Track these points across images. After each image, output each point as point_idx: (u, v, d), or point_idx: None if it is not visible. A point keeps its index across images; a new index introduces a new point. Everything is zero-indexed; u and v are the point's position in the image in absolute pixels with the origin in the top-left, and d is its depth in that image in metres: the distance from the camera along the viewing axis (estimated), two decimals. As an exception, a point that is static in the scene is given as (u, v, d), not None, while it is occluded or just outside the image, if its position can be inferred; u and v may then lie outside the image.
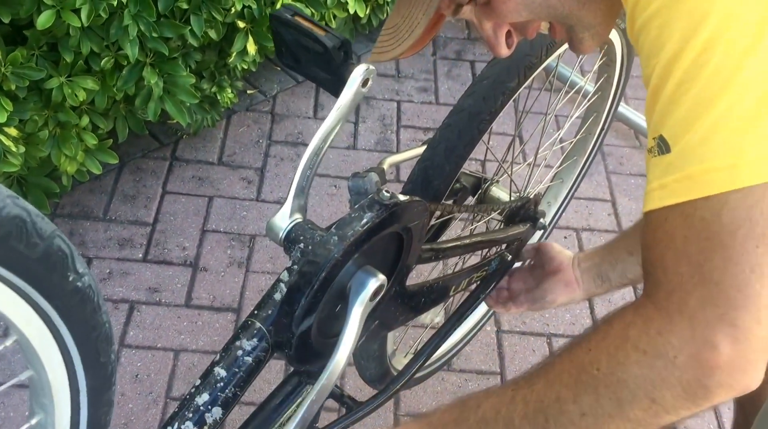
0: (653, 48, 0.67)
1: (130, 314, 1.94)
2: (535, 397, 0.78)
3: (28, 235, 0.76)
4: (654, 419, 0.72)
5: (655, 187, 0.69)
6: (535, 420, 0.78)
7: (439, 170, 1.22)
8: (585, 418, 0.74)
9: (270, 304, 1.09)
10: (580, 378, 0.74)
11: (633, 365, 0.70)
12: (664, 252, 0.69)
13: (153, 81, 1.85)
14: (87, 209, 2.15)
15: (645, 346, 0.70)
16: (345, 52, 1.07)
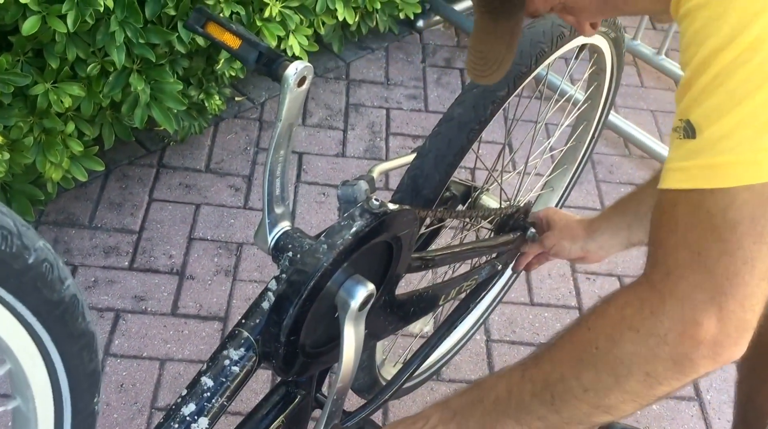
0: (697, 37, 0.69)
1: (116, 323, 1.92)
2: (542, 377, 0.86)
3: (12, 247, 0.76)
4: (649, 390, 0.79)
5: (674, 168, 0.73)
6: (542, 397, 0.85)
7: (428, 179, 1.22)
8: (587, 393, 0.81)
9: (258, 314, 1.08)
10: (581, 357, 0.81)
11: (627, 343, 0.77)
12: (668, 235, 0.74)
13: (140, 87, 1.85)
14: (72, 217, 2.14)
15: (639, 325, 0.76)
16: (270, 59, 1.03)
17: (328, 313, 1.09)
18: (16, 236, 0.76)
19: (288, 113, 1.04)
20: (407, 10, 2.61)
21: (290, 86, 1.01)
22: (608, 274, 2.23)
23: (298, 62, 1.01)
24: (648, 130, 2.62)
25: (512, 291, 2.03)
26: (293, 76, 1.00)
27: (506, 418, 0.89)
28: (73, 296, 0.87)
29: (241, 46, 1.03)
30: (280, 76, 1.01)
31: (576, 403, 0.83)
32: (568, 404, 0.84)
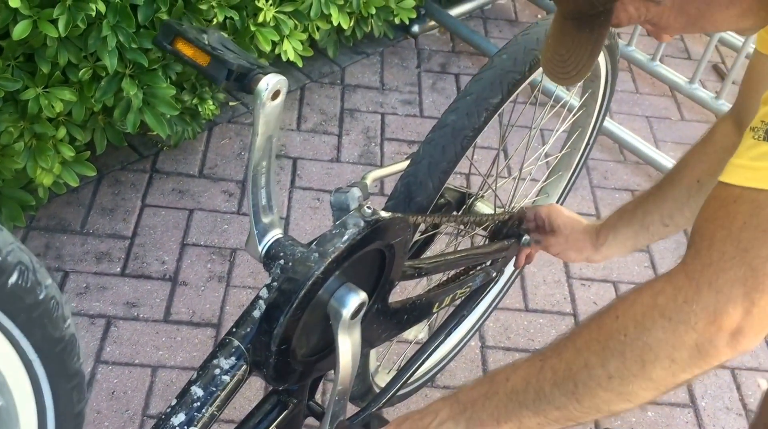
0: None
1: (107, 329, 1.91)
2: (564, 366, 0.86)
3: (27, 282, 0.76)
4: (672, 378, 0.81)
5: (744, 166, 0.76)
6: (564, 386, 0.86)
7: (422, 186, 1.21)
8: (612, 380, 0.82)
9: (248, 322, 1.07)
10: (607, 344, 0.82)
11: (658, 330, 0.79)
12: (718, 229, 0.77)
13: (132, 92, 1.83)
14: (64, 222, 2.12)
15: (671, 313, 0.78)
16: (240, 74, 1.00)
17: (320, 322, 1.08)
18: (31, 272, 0.77)
19: (265, 127, 1.02)
20: (402, 15, 2.60)
21: (263, 100, 0.99)
22: (603, 280, 2.22)
23: (270, 76, 0.99)
24: (643, 136, 2.61)
25: (507, 297, 2.02)
26: (265, 91, 0.98)
27: (523, 409, 0.90)
28: (72, 335, 0.88)
29: (210, 64, 0.99)
30: (254, 89, 0.99)
31: (599, 391, 0.84)
32: (590, 392, 0.85)
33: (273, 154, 1.08)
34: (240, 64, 1.00)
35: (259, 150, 1.05)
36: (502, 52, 1.30)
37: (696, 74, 2.67)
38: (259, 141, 1.04)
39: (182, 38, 1.02)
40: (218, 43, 1.05)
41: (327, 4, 2.28)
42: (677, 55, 3.03)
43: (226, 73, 0.99)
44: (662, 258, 2.28)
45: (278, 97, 1.01)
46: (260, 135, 1.03)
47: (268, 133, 1.04)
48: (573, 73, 0.98)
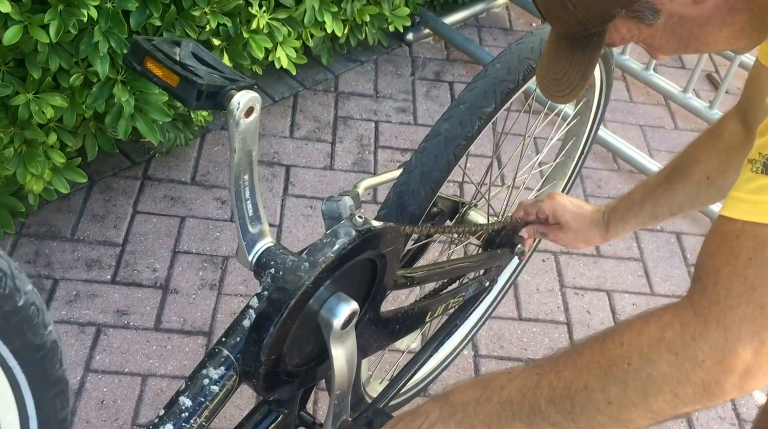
0: None
1: (97, 338, 1.89)
2: (562, 384, 0.85)
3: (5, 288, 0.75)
4: (673, 411, 0.81)
5: (744, 199, 0.76)
6: (561, 405, 0.85)
7: (414, 195, 1.20)
8: (611, 406, 0.82)
9: (238, 332, 1.07)
10: (610, 370, 0.82)
11: (664, 364, 0.78)
12: (723, 266, 0.76)
13: (124, 98, 1.82)
14: (54, 229, 2.10)
15: (678, 348, 0.77)
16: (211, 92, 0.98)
17: (311, 332, 1.07)
18: (9, 278, 0.76)
19: (241, 144, 1.01)
20: (397, 23, 2.60)
21: (236, 119, 0.97)
22: (597, 289, 2.21)
23: (242, 93, 0.97)
24: (637, 145, 2.61)
25: (500, 306, 2.01)
26: (237, 109, 0.97)
27: (516, 421, 0.90)
28: (54, 342, 0.86)
29: (180, 84, 0.97)
30: (226, 107, 0.97)
31: (596, 414, 0.84)
32: (588, 415, 0.84)
33: (255, 167, 1.06)
34: (210, 82, 0.98)
35: (239, 165, 1.04)
36: (496, 60, 1.29)
37: (690, 83, 2.67)
38: (237, 157, 1.02)
39: (151, 58, 0.98)
40: (191, 58, 1.02)
41: (321, 11, 2.27)
42: (671, 64, 3.03)
43: (195, 94, 0.97)
44: (656, 267, 2.28)
45: (252, 113, 0.99)
46: (238, 151, 1.02)
47: (246, 148, 1.03)
48: (567, 92, 0.98)
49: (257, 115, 1.00)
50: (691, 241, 2.35)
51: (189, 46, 1.04)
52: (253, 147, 1.03)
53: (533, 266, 2.22)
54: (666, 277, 2.26)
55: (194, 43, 1.05)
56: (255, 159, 1.05)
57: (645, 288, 2.23)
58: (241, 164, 1.03)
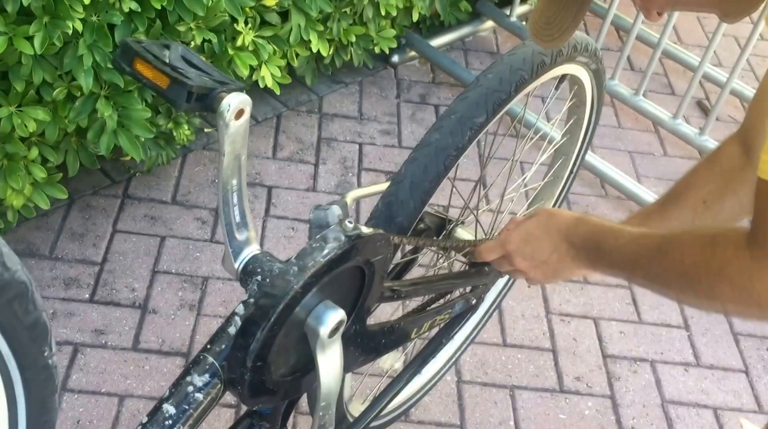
0: None
1: (74, 357, 1.91)
2: (653, 271, 1.06)
3: None
4: (733, 313, 1.09)
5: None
6: (652, 284, 1.09)
7: (403, 205, 1.24)
8: (689, 300, 1.08)
9: (224, 339, 1.09)
10: (685, 279, 1.01)
11: (727, 293, 0.96)
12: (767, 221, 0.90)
13: (107, 113, 1.87)
14: (32, 246, 2.14)
15: (738, 283, 0.94)
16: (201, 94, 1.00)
17: (297, 340, 1.10)
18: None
19: (231, 147, 1.03)
20: (383, 44, 2.67)
21: (226, 121, 0.99)
22: (583, 316, 2.25)
23: (232, 95, 1.00)
24: (625, 171, 2.67)
25: (484, 331, 2.05)
26: (228, 111, 0.99)
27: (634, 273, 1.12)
28: (43, 323, 0.88)
29: (170, 86, 0.99)
30: (216, 109, 0.99)
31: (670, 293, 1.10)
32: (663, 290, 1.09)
33: (244, 172, 1.09)
34: (200, 84, 1.01)
35: (228, 169, 1.06)
36: (488, 71, 1.32)
37: (680, 110, 2.73)
38: (227, 161, 1.05)
39: (141, 59, 1.01)
40: (180, 60, 1.05)
41: (307, 30, 2.33)
42: (661, 90, 3.11)
43: (185, 96, 0.99)
44: (644, 294, 2.32)
45: (242, 116, 1.01)
46: (227, 154, 1.04)
47: (235, 152, 1.05)
48: (556, 35, 1.09)
49: (247, 117, 1.02)
50: (680, 268, 2.40)
51: (178, 49, 1.06)
52: (242, 151, 1.05)
53: (519, 292, 2.26)
54: (654, 306, 2.30)
55: (183, 47, 1.08)
56: (244, 164, 1.08)
57: (633, 316, 2.27)
58: (229, 169, 1.06)
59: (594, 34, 3.26)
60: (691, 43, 3.37)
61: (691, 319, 2.28)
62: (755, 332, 2.28)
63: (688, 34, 3.44)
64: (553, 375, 2.10)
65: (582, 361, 2.13)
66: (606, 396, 2.07)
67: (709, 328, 2.27)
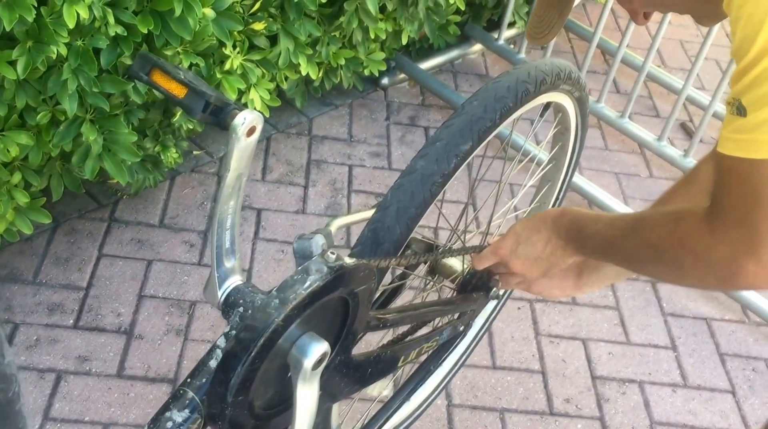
0: (744, 42, 0.88)
1: (57, 385, 1.85)
2: (629, 249, 1.10)
3: None
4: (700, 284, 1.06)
5: (728, 137, 0.91)
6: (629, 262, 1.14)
7: (389, 232, 1.20)
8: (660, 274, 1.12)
9: (204, 372, 1.05)
10: (655, 254, 1.05)
11: (689, 262, 1.01)
12: (724, 196, 0.95)
13: (92, 138, 1.81)
14: (16, 271, 2.07)
15: (698, 252, 0.99)
16: (217, 107, 1.02)
17: (279, 373, 1.06)
18: None
19: (237, 163, 1.03)
20: (372, 67, 2.63)
21: (239, 136, 1.00)
22: (572, 337, 2.21)
23: (247, 111, 1.00)
24: (612, 192, 2.64)
25: (474, 354, 2.00)
26: (242, 125, 0.99)
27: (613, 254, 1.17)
28: None
29: (187, 95, 1.01)
30: (229, 125, 1.00)
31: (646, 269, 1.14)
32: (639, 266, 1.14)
33: (241, 195, 1.08)
34: (217, 96, 1.02)
35: (229, 187, 1.05)
36: (473, 98, 1.30)
37: (664, 132, 2.72)
38: (230, 177, 1.04)
39: (159, 69, 1.03)
40: (193, 79, 1.06)
41: (296, 53, 2.29)
42: (646, 112, 3.09)
43: (203, 105, 1.01)
44: (632, 315, 2.29)
45: (254, 133, 1.02)
46: (232, 171, 1.03)
47: (240, 170, 1.04)
48: (546, 32, 1.20)
49: (257, 135, 1.02)
50: (667, 290, 2.37)
51: (189, 72, 1.08)
52: (245, 172, 1.05)
53: (508, 314, 2.22)
54: (642, 327, 2.27)
55: (193, 73, 1.08)
56: (243, 186, 1.06)
57: (621, 337, 2.23)
58: (230, 187, 1.04)
59: (581, 57, 3.24)
60: (675, 67, 3.36)
61: (678, 340, 2.25)
62: (741, 352, 2.24)
63: (672, 57, 3.43)
64: (542, 397, 2.05)
65: (571, 383, 2.09)
66: (595, 418, 2.02)
67: (696, 349, 2.23)
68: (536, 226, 1.26)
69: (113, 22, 1.72)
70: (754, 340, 2.28)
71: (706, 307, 2.34)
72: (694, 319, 2.32)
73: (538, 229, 1.25)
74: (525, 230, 1.27)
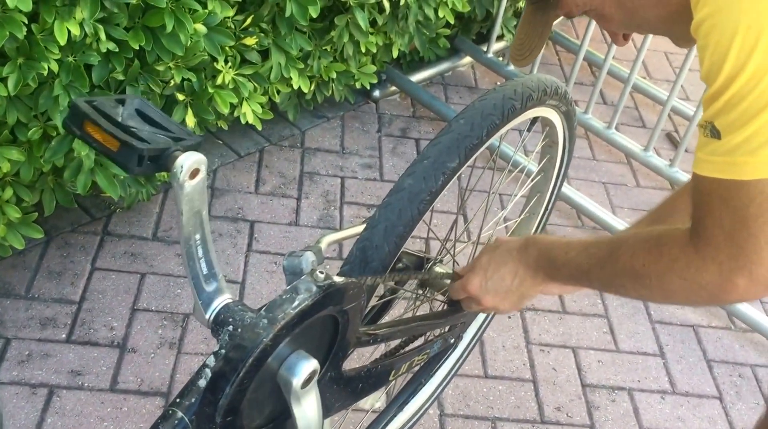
0: (713, 69, 0.88)
1: (49, 400, 1.81)
2: (606, 276, 1.10)
3: None
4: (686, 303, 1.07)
5: (704, 159, 0.92)
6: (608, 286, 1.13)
7: (378, 250, 1.18)
8: (644, 297, 1.09)
9: (194, 392, 1.02)
10: (638, 280, 1.04)
11: (677, 286, 0.99)
12: (706, 216, 0.94)
13: (84, 153, 1.79)
14: (8, 286, 2.04)
15: (686, 276, 0.98)
16: (153, 156, 0.93)
17: (270, 391, 1.03)
18: None
19: (188, 205, 0.97)
20: (363, 80, 2.61)
21: (180, 182, 0.94)
22: (563, 345, 2.19)
23: (186, 155, 0.93)
24: (600, 202, 2.62)
25: (466, 363, 1.98)
26: (181, 172, 0.93)
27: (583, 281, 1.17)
28: None
29: (120, 150, 0.92)
30: (170, 169, 0.93)
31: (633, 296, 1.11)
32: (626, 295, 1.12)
33: (206, 225, 1.03)
34: (152, 145, 0.93)
35: (188, 226, 1.00)
36: (460, 116, 1.28)
37: (650, 142, 2.71)
38: (185, 218, 0.99)
39: (90, 122, 0.93)
40: (135, 117, 0.98)
41: (287, 67, 2.27)
42: (632, 123, 3.08)
43: (136, 160, 0.92)
44: (620, 323, 2.27)
45: (198, 175, 0.95)
46: (185, 213, 0.98)
47: (195, 209, 0.99)
48: (527, 54, 1.18)
49: (203, 176, 0.96)
50: (656, 298, 2.35)
51: (134, 102, 0.99)
52: (203, 207, 0.99)
53: (499, 323, 2.19)
54: (631, 334, 2.25)
55: (140, 99, 1.01)
56: (206, 218, 1.01)
57: (610, 345, 2.21)
58: (190, 225, 0.99)
59: (568, 70, 3.23)
60: (660, 78, 3.35)
61: (666, 347, 2.23)
62: (727, 358, 2.23)
63: (657, 69, 3.42)
64: (534, 406, 2.03)
65: (562, 391, 2.07)
66: (586, 425, 2.00)
67: (684, 356, 2.22)
68: (502, 259, 1.23)
69: (105, 38, 1.70)
70: (740, 347, 2.27)
71: (693, 314, 2.33)
72: (681, 327, 2.30)
73: (505, 261, 1.23)
74: (491, 263, 1.24)
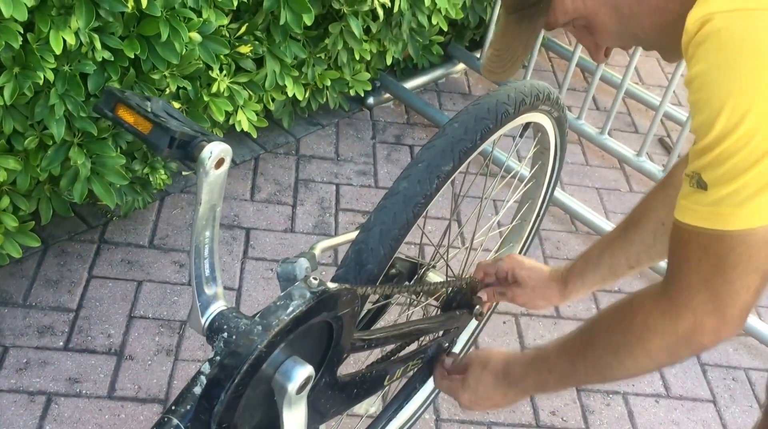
0: (705, 123, 0.87)
1: (47, 407, 1.80)
2: (590, 364, 1.10)
3: None
4: (672, 359, 1.03)
5: (689, 207, 0.92)
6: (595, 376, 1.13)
7: (373, 253, 1.17)
8: (630, 370, 1.07)
9: (189, 399, 1.01)
10: (619, 351, 1.05)
11: (656, 342, 1.00)
12: (683, 263, 0.95)
13: (80, 161, 1.78)
14: (5, 294, 2.02)
15: (662, 330, 0.98)
16: (183, 141, 0.97)
17: (265, 398, 1.02)
18: None
19: (208, 196, 0.99)
20: (357, 87, 2.61)
21: (207, 169, 0.96)
22: (558, 350, 2.18)
23: (214, 143, 0.96)
24: (593, 207, 2.62)
25: (462, 369, 1.97)
26: (209, 159, 0.96)
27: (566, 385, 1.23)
28: None
29: (152, 131, 0.96)
30: (197, 157, 0.96)
31: (622, 374, 1.09)
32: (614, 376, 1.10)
33: (217, 224, 1.04)
34: (183, 131, 0.97)
35: (203, 219, 1.01)
36: (454, 120, 1.28)
37: (643, 147, 2.70)
38: (202, 210, 1.00)
39: (124, 105, 0.99)
40: (162, 111, 1.02)
41: (282, 75, 2.27)
42: (625, 128, 3.08)
43: (168, 141, 0.96)
44: (615, 328, 2.26)
45: (222, 165, 0.98)
46: (203, 204, 1.00)
47: (212, 202, 1.01)
48: (508, 65, 1.10)
49: (227, 167, 0.98)
50: (649, 302, 2.34)
51: (159, 102, 1.03)
52: (218, 202, 1.01)
53: (494, 328, 2.19)
54: (626, 338, 2.24)
55: (163, 101, 1.04)
56: (218, 216, 1.02)
57: (605, 349, 2.20)
58: (204, 219, 1.00)
59: (561, 76, 3.23)
60: (652, 84, 3.36)
61: (662, 352, 2.22)
62: (721, 362, 2.22)
63: (649, 75, 3.42)
64: (529, 410, 2.02)
65: (557, 396, 2.06)
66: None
67: (679, 360, 2.21)
68: (490, 384, 1.28)
69: (100, 47, 1.70)
70: (734, 350, 2.26)
71: (687, 318, 2.32)
72: (675, 331, 2.29)
73: (493, 385, 1.27)
74: (480, 386, 1.29)
